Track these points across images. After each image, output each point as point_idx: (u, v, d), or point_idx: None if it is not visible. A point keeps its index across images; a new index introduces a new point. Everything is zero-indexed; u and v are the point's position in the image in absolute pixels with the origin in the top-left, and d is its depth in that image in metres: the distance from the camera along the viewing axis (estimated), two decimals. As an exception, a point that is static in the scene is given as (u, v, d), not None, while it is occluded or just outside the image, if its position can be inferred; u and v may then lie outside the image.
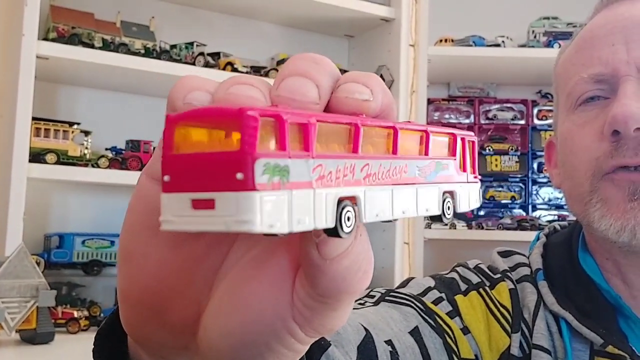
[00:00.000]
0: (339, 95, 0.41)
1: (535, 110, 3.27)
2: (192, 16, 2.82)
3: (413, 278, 1.05)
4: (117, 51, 2.36)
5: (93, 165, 2.31)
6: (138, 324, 0.48)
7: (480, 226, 2.95)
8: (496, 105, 3.29)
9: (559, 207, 3.19)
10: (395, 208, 0.42)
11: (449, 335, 0.93)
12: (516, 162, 3.22)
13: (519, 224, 2.93)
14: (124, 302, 0.48)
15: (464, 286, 1.02)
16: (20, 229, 2.09)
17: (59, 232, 2.45)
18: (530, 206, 3.21)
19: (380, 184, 0.41)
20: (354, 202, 0.39)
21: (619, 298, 0.96)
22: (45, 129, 2.22)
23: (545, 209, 3.22)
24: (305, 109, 0.39)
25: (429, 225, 2.87)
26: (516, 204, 3.22)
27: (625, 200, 0.91)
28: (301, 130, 0.36)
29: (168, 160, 0.36)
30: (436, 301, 0.98)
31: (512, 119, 3.26)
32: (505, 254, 1.09)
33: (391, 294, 0.97)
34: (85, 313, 2.26)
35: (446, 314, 0.96)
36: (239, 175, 0.33)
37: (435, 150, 0.47)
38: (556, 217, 3.17)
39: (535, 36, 3.09)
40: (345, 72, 0.43)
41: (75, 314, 2.21)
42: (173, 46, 2.54)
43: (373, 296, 0.96)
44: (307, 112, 0.37)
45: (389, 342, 0.83)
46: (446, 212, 0.47)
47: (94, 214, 2.59)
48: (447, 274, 1.06)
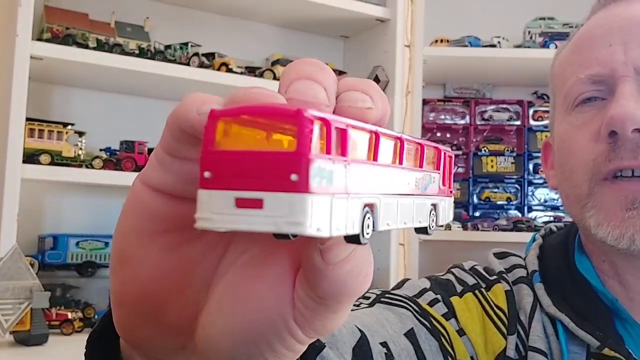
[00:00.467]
0: (342, 105, 0.41)
1: (531, 111, 3.26)
2: (187, 17, 2.81)
3: (408, 279, 1.04)
4: (112, 52, 2.35)
5: (87, 166, 2.30)
6: (134, 328, 0.48)
7: (475, 227, 2.95)
8: (492, 106, 3.29)
9: (554, 209, 3.19)
10: (399, 218, 0.42)
11: (444, 337, 0.93)
12: (512, 163, 3.22)
13: (515, 225, 2.93)
14: (119, 306, 0.48)
15: (459, 288, 1.01)
16: (14, 230, 2.08)
17: (53, 233, 2.44)
18: (526, 207, 3.20)
19: (390, 193, 0.41)
20: (372, 210, 0.39)
21: (615, 301, 0.95)
22: (39, 130, 2.21)
23: (541, 210, 3.22)
24: (318, 110, 0.38)
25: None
26: (512, 205, 3.22)
27: (623, 209, 0.90)
28: (340, 136, 0.36)
29: (209, 155, 0.36)
30: (432, 303, 0.97)
31: (508, 120, 3.26)
32: (501, 256, 1.08)
33: (386, 295, 0.96)
34: (80, 314, 2.26)
35: (442, 315, 0.96)
36: (293, 177, 0.33)
37: (426, 163, 0.47)
38: (552, 219, 3.16)
39: (531, 37, 3.09)
40: (341, 78, 0.43)
41: (70, 316, 2.22)
42: (167, 47, 2.53)
43: (368, 298, 0.96)
44: (340, 118, 0.37)
45: (384, 344, 0.83)
46: (431, 225, 0.48)
47: (88, 215, 2.58)
48: (443, 275, 1.05)
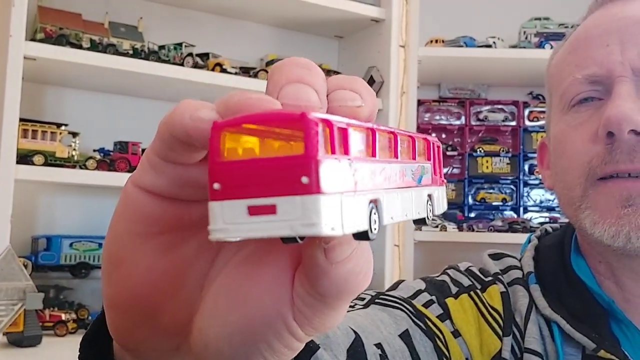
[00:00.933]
0: (333, 105, 0.42)
1: (526, 112, 3.26)
2: (181, 17, 2.81)
3: (403, 281, 1.04)
4: (105, 52, 2.34)
5: (81, 167, 2.30)
6: (128, 330, 0.48)
7: (471, 228, 2.94)
8: (487, 107, 3.29)
9: (550, 209, 3.19)
10: (401, 211, 0.43)
11: (439, 338, 0.93)
12: (507, 164, 3.21)
13: (510, 226, 2.93)
14: (112, 309, 0.48)
15: (454, 289, 1.01)
16: (7, 231, 2.07)
17: (47, 235, 2.44)
18: (521, 208, 3.20)
19: (392, 187, 0.42)
20: (376, 205, 0.39)
21: (612, 302, 0.95)
22: (32, 130, 2.21)
23: (537, 211, 3.22)
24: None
25: (420, 227, 2.86)
26: (507, 206, 3.22)
27: (618, 207, 0.90)
28: (342, 135, 0.36)
29: (217, 167, 0.36)
30: (427, 304, 0.97)
31: (503, 121, 3.26)
32: (496, 257, 1.08)
33: (381, 296, 0.96)
34: (73, 316, 2.27)
35: (437, 317, 0.96)
36: (304, 179, 0.34)
37: (418, 155, 0.48)
38: (547, 220, 3.16)
39: (526, 37, 3.09)
40: (330, 76, 0.43)
41: (63, 317, 2.22)
42: (161, 47, 2.52)
43: (363, 299, 0.95)
44: (338, 118, 0.38)
45: (379, 346, 0.83)
46: (429, 215, 0.48)
47: (81, 216, 2.58)
48: (438, 276, 1.05)
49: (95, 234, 2.48)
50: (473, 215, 3.21)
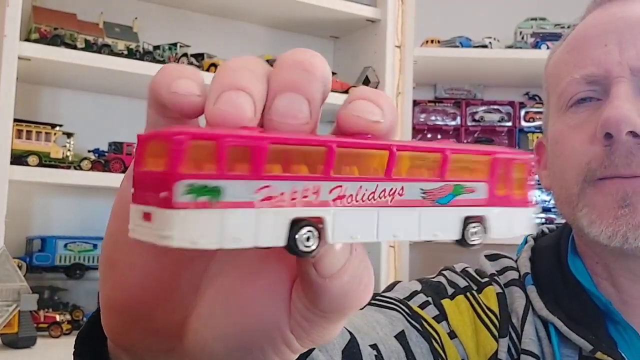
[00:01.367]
0: (349, 113, 0.41)
1: (522, 112, 3.26)
2: (176, 17, 2.80)
3: (399, 282, 1.04)
4: (100, 52, 2.33)
5: (75, 168, 2.29)
6: (123, 331, 0.48)
7: (467, 229, 2.93)
8: (483, 107, 3.28)
9: (546, 210, 3.18)
10: (382, 230, 0.42)
11: (435, 339, 0.92)
12: (503, 165, 3.20)
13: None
14: (108, 310, 0.48)
15: (450, 290, 1.01)
16: (1, 232, 2.07)
17: (41, 235, 2.43)
18: (517, 209, 3.19)
19: (358, 205, 0.41)
20: (318, 223, 0.39)
21: (609, 304, 0.95)
22: (27, 131, 2.20)
23: (532, 212, 3.21)
24: (297, 131, 0.40)
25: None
26: (503, 206, 3.20)
27: (615, 207, 0.89)
28: (248, 152, 0.37)
29: (135, 174, 0.39)
30: (422, 305, 0.97)
31: (499, 121, 3.25)
32: (492, 258, 1.08)
33: (377, 297, 0.96)
34: (68, 317, 2.25)
35: (433, 318, 0.95)
36: (162, 194, 0.36)
37: (457, 172, 0.45)
38: (544, 220, 3.16)
39: (522, 37, 3.08)
40: (353, 87, 0.42)
41: (58, 318, 2.21)
42: (156, 47, 2.52)
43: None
44: (264, 134, 0.38)
45: (374, 346, 0.83)
46: (469, 238, 0.45)
47: (76, 217, 2.57)
48: (434, 277, 1.05)
49: (90, 234, 2.47)
50: (469, 215, 3.20)
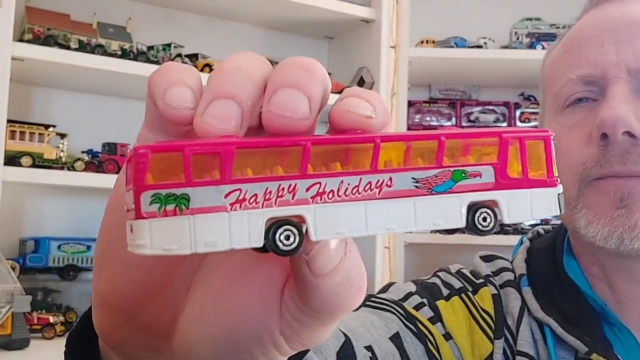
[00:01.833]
0: (341, 108, 0.41)
1: (517, 113, 3.26)
2: (170, 17, 2.80)
3: (394, 283, 1.04)
4: (94, 53, 2.33)
5: (69, 169, 2.29)
6: (113, 328, 0.48)
7: (461, 230, 2.93)
8: (478, 108, 3.28)
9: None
10: (371, 223, 0.41)
11: (430, 341, 0.92)
12: (498, 165, 3.21)
13: (501, 228, 2.92)
14: (100, 306, 0.48)
15: (445, 291, 1.00)
16: (-6, 234, 2.06)
17: (35, 237, 2.43)
18: (512, 209, 3.19)
19: (340, 201, 0.41)
20: (300, 221, 0.40)
21: (604, 305, 0.94)
22: (20, 132, 2.20)
23: (528, 213, 3.21)
24: (295, 125, 0.40)
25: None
26: (498, 207, 3.21)
27: (612, 207, 0.89)
28: (214, 159, 0.38)
29: (126, 193, 0.40)
30: (417, 307, 0.96)
31: (494, 122, 3.26)
32: (487, 259, 1.07)
33: (371, 299, 0.96)
34: (61, 318, 2.26)
35: (427, 319, 0.95)
36: (132, 206, 0.38)
37: (458, 158, 0.44)
38: (539, 221, 3.15)
39: (517, 37, 3.08)
40: (347, 87, 0.42)
41: (51, 320, 2.21)
42: (150, 47, 2.52)
43: (353, 301, 0.94)
44: (228, 140, 0.39)
45: (369, 348, 0.83)
46: (480, 224, 0.45)
47: (70, 218, 2.57)
48: (429, 279, 1.05)
49: (83, 236, 2.47)
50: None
